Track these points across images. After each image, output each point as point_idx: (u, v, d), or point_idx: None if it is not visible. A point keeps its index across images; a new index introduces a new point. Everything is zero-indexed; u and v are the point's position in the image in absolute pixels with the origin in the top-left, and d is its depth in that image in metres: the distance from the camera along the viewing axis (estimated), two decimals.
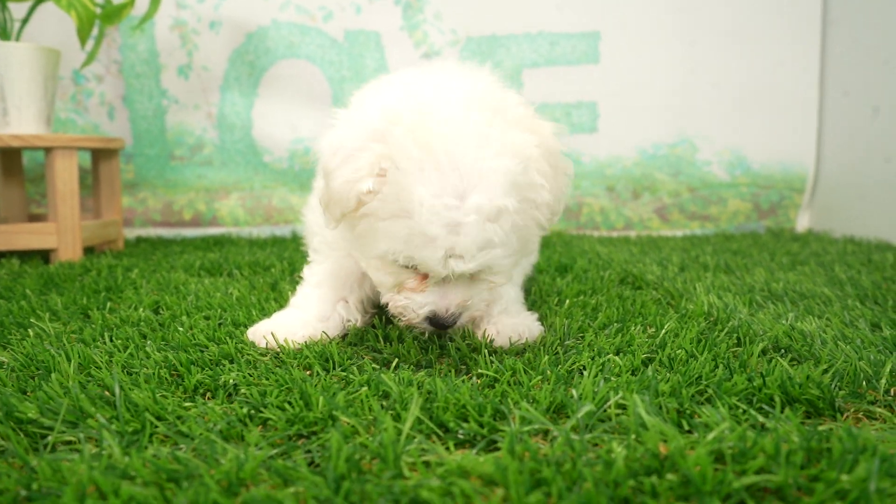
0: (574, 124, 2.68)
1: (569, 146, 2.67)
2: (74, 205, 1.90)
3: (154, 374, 0.86)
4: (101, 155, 2.13)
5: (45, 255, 1.96)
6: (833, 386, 0.79)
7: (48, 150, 1.88)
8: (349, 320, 1.12)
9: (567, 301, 1.32)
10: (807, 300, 1.33)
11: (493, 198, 0.86)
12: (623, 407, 0.75)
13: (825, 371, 0.85)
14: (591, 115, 2.69)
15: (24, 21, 1.99)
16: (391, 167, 0.87)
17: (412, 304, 0.96)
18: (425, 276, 0.95)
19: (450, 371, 0.92)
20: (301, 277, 1.18)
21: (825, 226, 2.65)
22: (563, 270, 1.71)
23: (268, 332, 1.03)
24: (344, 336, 1.09)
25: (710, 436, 0.63)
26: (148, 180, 2.57)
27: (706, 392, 0.79)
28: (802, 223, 2.75)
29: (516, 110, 0.95)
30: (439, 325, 0.97)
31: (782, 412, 0.72)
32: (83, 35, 1.89)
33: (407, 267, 0.93)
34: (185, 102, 2.55)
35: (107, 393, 0.79)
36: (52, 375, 0.82)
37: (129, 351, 0.95)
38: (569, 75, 2.66)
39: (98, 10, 1.98)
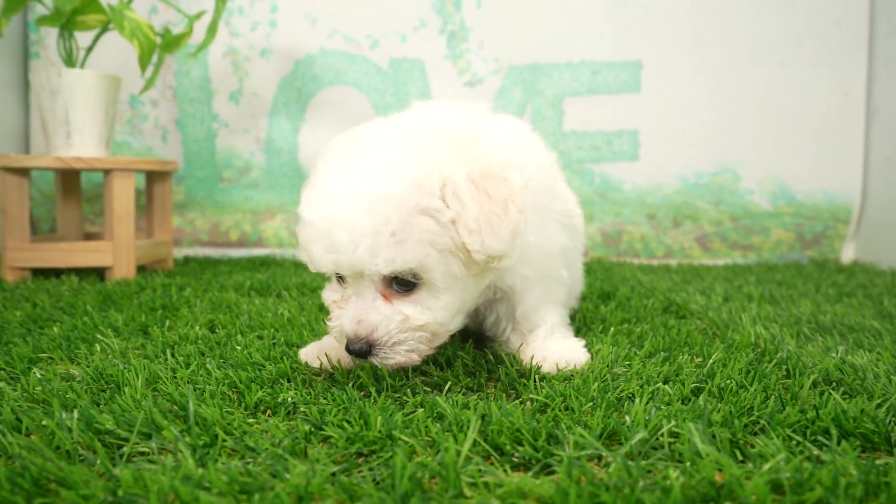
0: (615, 152, 2.70)
1: (608, 173, 2.69)
2: (130, 225, 1.97)
3: (217, 390, 0.90)
4: (156, 177, 2.21)
5: (100, 273, 2.03)
6: (888, 420, 0.79)
7: (107, 172, 1.97)
8: None
9: (612, 329, 1.33)
10: (856, 333, 1.32)
11: (378, 189, 0.88)
12: (676, 435, 0.76)
13: (879, 405, 0.85)
14: (632, 144, 2.70)
15: (89, 49, 2.09)
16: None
17: (335, 328, 0.97)
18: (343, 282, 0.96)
19: (500, 395, 0.93)
20: None
21: (871, 257, 2.61)
22: (605, 298, 1.72)
23: (320, 352, 1.06)
24: None
25: (767, 466, 0.64)
26: (197, 201, 2.65)
27: (759, 423, 0.79)
28: (847, 254, 2.71)
29: (464, 141, 0.94)
30: (352, 350, 0.93)
31: (838, 445, 0.73)
32: (143, 63, 1.98)
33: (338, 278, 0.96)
34: (234, 127, 2.64)
35: (175, 407, 0.82)
36: (125, 389, 0.86)
37: (191, 368, 0.99)
38: (610, 104, 2.68)
39: (158, 39, 2.07)
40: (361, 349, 0.93)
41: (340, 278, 0.97)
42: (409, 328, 0.94)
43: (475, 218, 0.89)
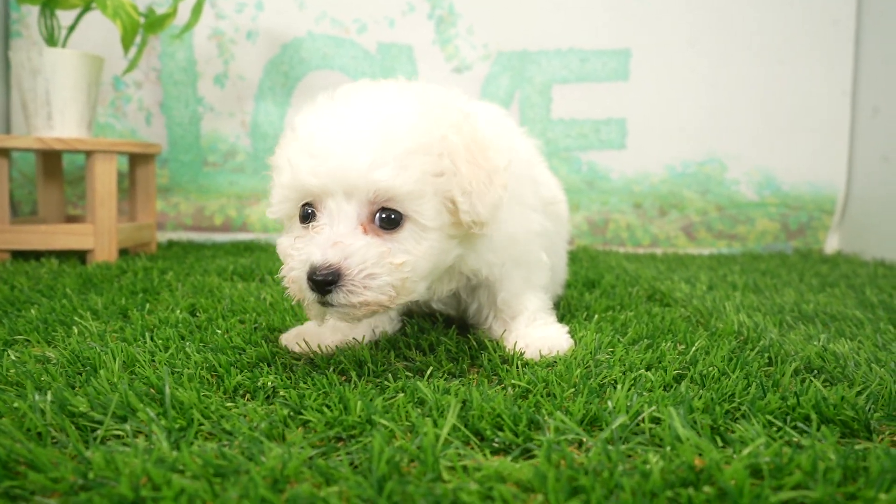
0: (603, 140, 2.69)
1: (596, 161, 2.68)
2: (112, 207, 1.94)
3: (195, 374, 0.89)
4: (139, 160, 2.18)
5: (81, 256, 2.01)
6: (868, 408, 0.79)
7: (89, 154, 1.94)
8: (377, 326, 1.14)
9: (596, 316, 1.32)
10: (838, 322, 1.32)
11: (388, 114, 0.87)
12: (657, 420, 0.75)
13: (859, 393, 0.85)
14: (619, 132, 2.69)
15: (71, 28, 2.05)
16: (281, 142, 0.94)
17: (294, 261, 0.88)
18: (310, 221, 0.90)
19: (482, 381, 0.93)
20: None
21: (855, 248, 2.63)
22: (590, 285, 1.72)
23: (300, 337, 1.05)
24: (376, 343, 1.11)
25: (746, 451, 0.64)
26: (181, 185, 2.62)
27: (740, 409, 0.79)
28: (831, 245, 2.73)
29: (452, 110, 0.94)
30: (318, 281, 0.85)
31: (818, 431, 0.73)
32: (127, 43, 1.95)
33: (306, 217, 0.91)
34: (220, 110, 2.61)
35: (152, 390, 0.81)
36: (101, 372, 0.85)
37: (170, 351, 0.98)
38: (598, 92, 2.67)
39: (142, 20, 2.04)
40: (328, 278, 0.84)
41: (308, 216, 0.90)
42: (388, 263, 0.87)
43: (469, 181, 0.89)
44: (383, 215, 0.88)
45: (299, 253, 0.87)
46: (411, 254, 0.89)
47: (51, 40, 2.01)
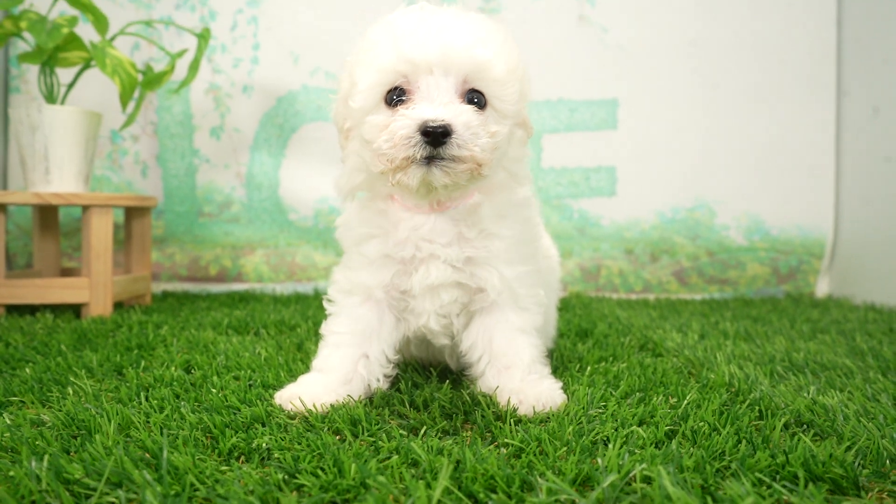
0: (593, 188, 2.74)
1: (587, 209, 2.72)
2: (107, 261, 1.96)
3: (190, 436, 0.89)
4: (135, 212, 2.20)
5: (76, 309, 2.01)
6: (856, 464, 0.80)
7: (85, 208, 1.96)
8: (370, 381, 1.14)
9: (588, 368, 1.33)
10: (828, 371, 1.34)
11: (466, 14, 1.03)
12: (648, 480, 0.76)
13: (848, 448, 0.86)
14: (609, 180, 2.74)
15: (70, 85, 2.10)
16: (363, 41, 1.05)
17: (400, 122, 0.97)
18: (410, 102, 0.99)
19: (476, 439, 0.93)
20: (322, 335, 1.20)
21: (845, 291, 2.66)
22: (583, 335, 1.73)
23: (294, 397, 1.06)
24: (370, 400, 1.12)
25: None
26: (177, 236, 2.64)
27: (730, 468, 0.80)
28: (822, 288, 2.76)
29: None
30: (430, 132, 0.94)
31: (806, 489, 0.74)
32: (125, 99, 1.99)
33: (392, 102, 1.00)
34: (215, 162, 2.64)
35: (147, 455, 0.82)
36: (96, 436, 0.86)
37: (165, 412, 0.98)
38: (588, 141, 2.73)
39: (140, 77, 2.08)
40: (441, 129, 0.94)
41: (393, 101, 1.00)
42: (486, 131, 0.99)
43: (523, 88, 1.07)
44: (471, 97, 1.00)
45: (405, 117, 0.96)
46: (494, 133, 1.01)
47: (50, 97, 2.05)
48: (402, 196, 1.10)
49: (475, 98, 1.01)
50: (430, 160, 0.97)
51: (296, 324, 1.78)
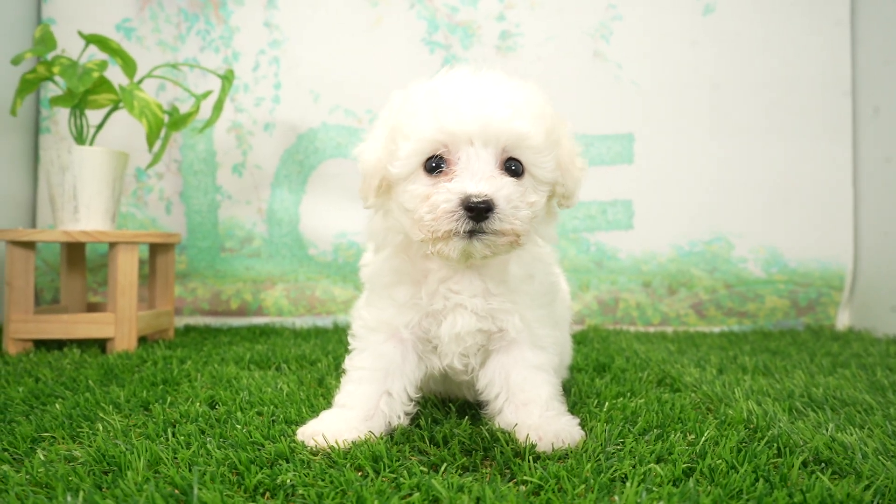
0: (610, 222, 2.76)
1: (604, 242, 2.74)
2: (133, 297, 2.00)
3: (217, 472, 0.91)
4: (159, 249, 2.26)
5: (101, 344, 2.05)
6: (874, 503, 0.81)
7: (112, 245, 2.01)
8: (391, 419, 1.16)
9: (606, 404, 1.34)
10: (848, 408, 1.34)
11: (512, 82, 1.05)
12: None
13: (867, 487, 0.87)
14: (626, 213, 2.76)
15: (99, 127, 2.17)
16: (404, 106, 1.05)
17: (443, 195, 0.99)
18: (450, 173, 1.02)
19: (495, 475, 0.95)
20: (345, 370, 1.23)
21: (866, 324, 2.64)
22: (601, 370, 1.74)
23: (317, 434, 1.08)
24: (391, 436, 1.13)
25: None
26: (199, 271, 2.69)
27: None
28: (843, 321, 2.74)
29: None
30: (474, 207, 0.97)
31: None
32: (151, 140, 2.05)
33: (432, 170, 1.03)
34: (237, 198, 2.70)
35: (176, 491, 0.84)
36: (127, 473, 0.88)
37: (192, 448, 1.01)
38: (604, 175, 2.76)
39: (166, 118, 2.15)
40: (484, 205, 0.97)
41: (433, 168, 1.02)
42: (525, 202, 1.02)
43: (565, 153, 1.09)
44: (510, 165, 1.03)
45: (447, 191, 0.99)
46: (531, 203, 1.04)
47: (79, 138, 2.12)
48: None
49: (513, 166, 1.04)
50: (472, 233, 1.00)
51: (316, 358, 1.80)
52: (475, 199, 0.97)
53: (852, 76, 2.72)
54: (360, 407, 1.15)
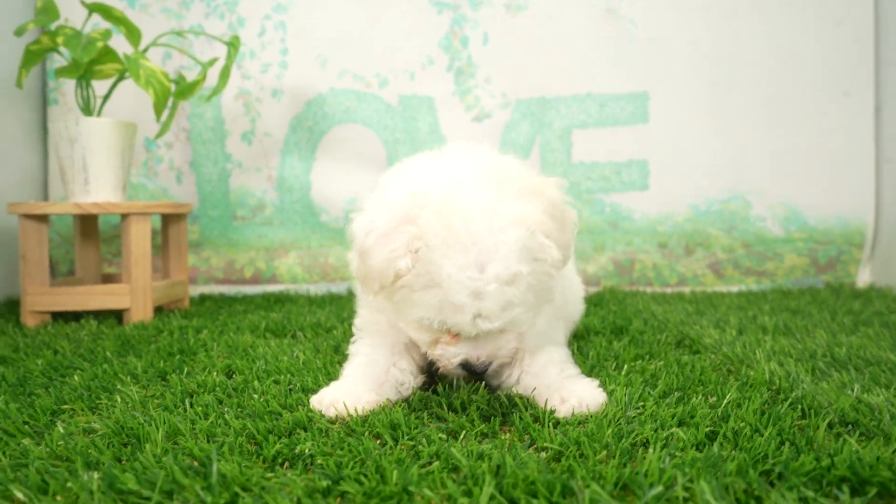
0: (625, 182, 2.71)
1: (619, 203, 2.70)
2: (147, 267, 2.00)
3: (235, 442, 0.91)
4: (171, 219, 2.25)
5: (118, 315, 2.06)
6: None
7: (124, 216, 2.00)
8: (403, 383, 1.17)
9: (625, 366, 1.33)
10: (872, 367, 1.31)
11: (508, 265, 0.98)
12: (691, 489, 0.76)
13: None
14: (641, 174, 2.71)
15: (106, 97, 2.14)
16: (423, 246, 1.00)
17: (447, 354, 1.09)
18: (457, 334, 1.06)
19: (515, 442, 0.94)
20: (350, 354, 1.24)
21: (888, 280, 2.60)
22: (618, 332, 1.72)
23: (337, 401, 1.07)
24: (408, 402, 1.13)
25: None
26: (211, 240, 2.69)
27: (774, 471, 0.79)
28: (863, 278, 2.70)
29: (519, 178, 1.07)
30: (472, 371, 1.09)
31: (852, 498, 0.73)
32: (159, 110, 2.03)
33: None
34: (247, 166, 2.68)
35: (195, 463, 0.84)
36: (147, 446, 0.88)
37: (210, 419, 1.00)
38: (618, 135, 2.71)
39: (173, 87, 2.12)
40: (485, 367, 1.09)
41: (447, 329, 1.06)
42: (517, 347, 1.14)
43: (562, 246, 1.06)
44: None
45: (449, 355, 1.09)
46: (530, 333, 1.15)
47: (86, 110, 2.10)
48: None
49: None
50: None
51: (332, 326, 1.80)
52: (476, 366, 1.08)
53: (875, 30, 2.63)
54: (371, 377, 1.15)
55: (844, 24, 2.64)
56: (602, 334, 1.70)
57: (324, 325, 1.81)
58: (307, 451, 0.89)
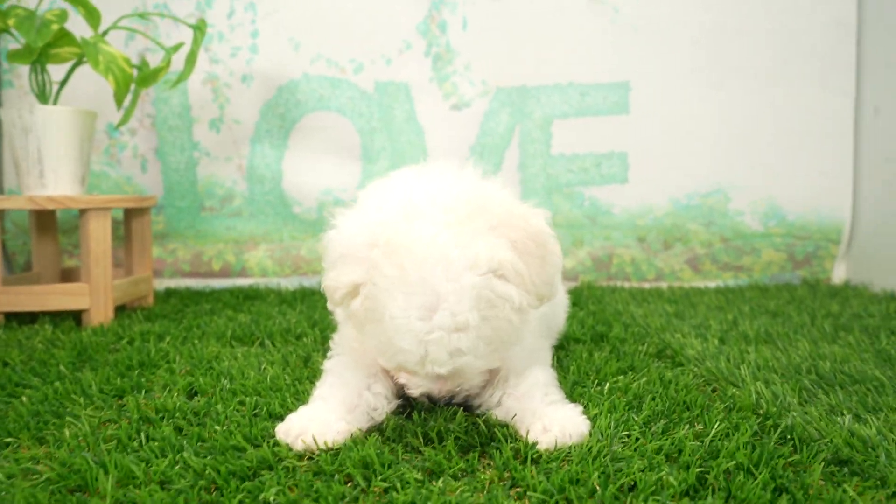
0: (604, 175, 2.66)
1: (598, 196, 2.65)
2: (107, 265, 1.90)
3: (193, 492, 0.84)
4: (134, 212, 2.14)
5: (76, 315, 1.96)
6: None
7: (82, 212, 1.90)
8: (376, 408, 1.11)
9: (607, 384, 1.28)
10: (857, 385, 1.28)
11: (456, 314, 0.92)
12: None
13: (892, 495, 0.81)
14: (621, 166, 2.66)
15: (63, 83, 2.02)
16: (369, 282, 0.97)
17: (410, 384, 1.09)
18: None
19: (495, 481, 0.89)
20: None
21: (862, 277, 2.59)
22: (598, 340, 1.67)
23: (304, 433, 1.01)
24: (381, 430, 1.07)
25: None
26: (178, 231, 2.58)
27: None
28: (839, 274, 2.69)
29: (494, 210, 1.00)
30: (435, 402, 1.13)
31: None
32: (120, 98, 1.91)
33: None
34: (216, 155, 2.57)
35: None
36: (92, 500, 0.81)
37: (168, 459, 0.93)
38: (599, 126, 2.65)
39: (135, 72, 2.00)
40: (447, 402, 1.13)
41: None
42: (483, 382, 1.13)
43: (543, 281, 1.01)
44: None
45: (413, 383, 1.08)
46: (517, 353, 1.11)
47: (42, 97, 1.98)
48: None
49: None
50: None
51: (302, 332, 1.72)
52: (438, 399, 1.11)
53: (857, 22, 2.59)
54: (342, 400, 1.09)
55: (828, 22, 2.59)
56: (582, 342, 1.65)
57: (293, 330, 1.74)
58: (272, 498, 0.83)
